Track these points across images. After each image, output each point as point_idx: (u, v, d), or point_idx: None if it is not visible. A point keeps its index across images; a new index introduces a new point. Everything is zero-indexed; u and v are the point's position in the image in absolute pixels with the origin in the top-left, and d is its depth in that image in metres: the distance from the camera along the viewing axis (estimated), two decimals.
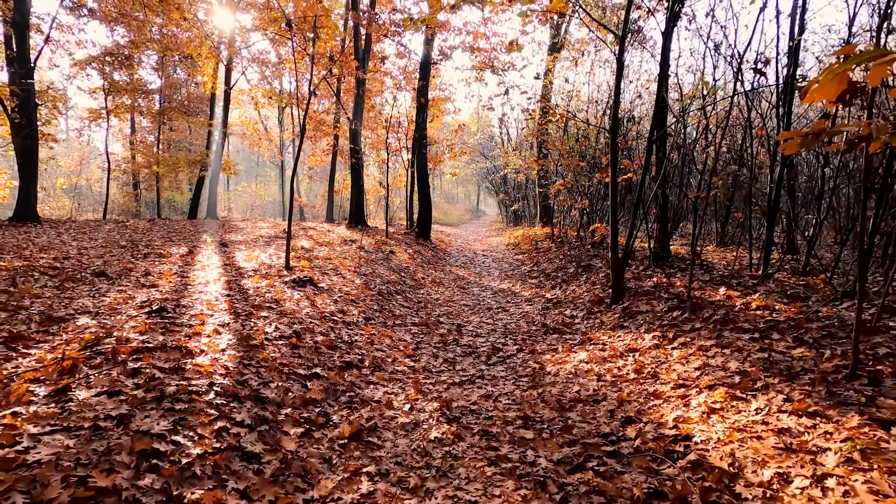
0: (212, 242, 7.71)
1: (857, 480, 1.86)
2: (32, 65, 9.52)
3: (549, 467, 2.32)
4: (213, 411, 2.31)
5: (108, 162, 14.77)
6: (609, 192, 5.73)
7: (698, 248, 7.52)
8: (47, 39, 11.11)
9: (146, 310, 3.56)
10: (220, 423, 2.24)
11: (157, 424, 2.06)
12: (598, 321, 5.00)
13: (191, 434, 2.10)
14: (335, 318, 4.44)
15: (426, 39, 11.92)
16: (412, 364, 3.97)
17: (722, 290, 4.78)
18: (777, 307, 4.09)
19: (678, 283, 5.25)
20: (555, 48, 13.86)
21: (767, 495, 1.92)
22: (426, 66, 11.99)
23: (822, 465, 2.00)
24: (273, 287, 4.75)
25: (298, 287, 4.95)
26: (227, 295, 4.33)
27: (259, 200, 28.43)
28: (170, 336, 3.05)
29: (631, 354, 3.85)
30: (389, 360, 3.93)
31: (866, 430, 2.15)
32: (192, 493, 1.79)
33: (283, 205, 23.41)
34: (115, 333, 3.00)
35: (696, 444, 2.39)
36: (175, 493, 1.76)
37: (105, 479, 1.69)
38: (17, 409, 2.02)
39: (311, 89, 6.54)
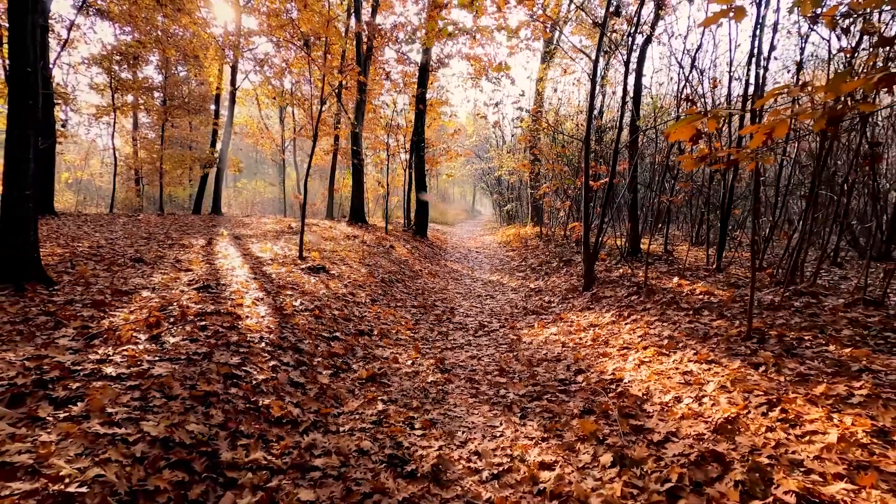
0: (227, 235, 8.44)
1: (722, 397, 2.68)
2: (51, 65, 10.18)
3: (516, 398, 3.14)
4: (266, 355, 3.10)
5: (115, 158, 15.36)
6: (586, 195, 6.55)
7: (672, 247, 8.39)
8: (65, 43, 11.76)
9: (194, 287, 4.32)
10: (272, 362, 3.03)
11: (231, 359, 2.84)
12: (570, 304, 5.83)
13: (254, 367, 2.89)
14: (347, 298, 5.23)
15: (424, 48, 12.69)
16: (412, 335, 4.77)
17: (675, 279, 5.62)
18: (716, 292, 4.94)
19: (640, 274, 6.10)
20: (547, 57, 14.71)
21: (664, 409, 2.75)
22: (424, 72, 12.76)
23: (704, 391, 2.83)
24: (292, 273, 5.52)
25: (313, 273, 5.73)
26: (254, 278, 5.10)
27: (259, 197, 29.07)
28: (219, 305, 3.82)
29: (592, 328, 4.68)
30: (393, 331, 4.73)
31: (742, 370, 2.99)
32: (264, 401, 2.57)
33: (283, 202, 24.06)
34: (175, 303, 3.77)
35: (625, 383, 3.21)
36: (252, 399, 2.55)
37: (207, 386, 2.48)
38: (129, 346, 2.79)
39: (323, 97, 7.30)
